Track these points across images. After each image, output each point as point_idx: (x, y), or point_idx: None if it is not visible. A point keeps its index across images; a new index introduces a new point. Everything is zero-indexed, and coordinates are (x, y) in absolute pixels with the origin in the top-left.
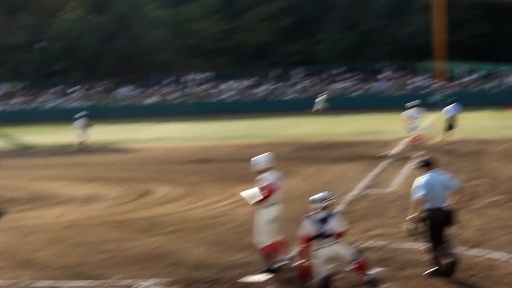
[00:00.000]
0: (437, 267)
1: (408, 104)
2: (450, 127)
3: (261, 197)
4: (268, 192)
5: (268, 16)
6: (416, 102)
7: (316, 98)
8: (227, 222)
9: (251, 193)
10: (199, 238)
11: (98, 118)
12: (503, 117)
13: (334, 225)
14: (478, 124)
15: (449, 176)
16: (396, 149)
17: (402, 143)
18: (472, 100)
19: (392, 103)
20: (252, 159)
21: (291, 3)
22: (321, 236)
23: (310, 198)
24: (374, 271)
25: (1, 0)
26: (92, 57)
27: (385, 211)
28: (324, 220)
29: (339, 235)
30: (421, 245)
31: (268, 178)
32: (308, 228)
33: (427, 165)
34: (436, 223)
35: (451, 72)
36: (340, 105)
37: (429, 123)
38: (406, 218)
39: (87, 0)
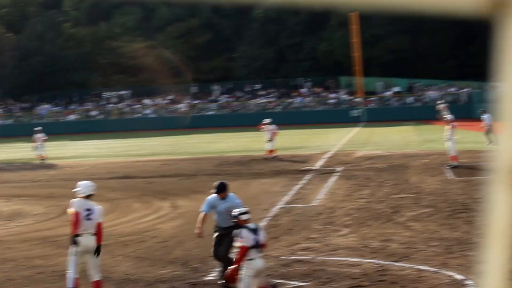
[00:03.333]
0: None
1: (265, 120)
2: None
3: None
4: (74, 220)
5: (186, 33)
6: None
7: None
8: (153, 237)
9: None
10: (125, 253)
11: (20, 135)
12: (425, 131)
13: (262, 237)
14: (401, 138)
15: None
16: (318, 163)
17: (324, 157)
18: (393, 115)
19: (313, 118)
20: (78, 183)
21: (208, 20)
22: (256, 246)
23: (237, 211)
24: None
25: None
26: (10, 75)
27: (310, 225)
28: (255, 231)
29: (263, 247)
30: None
31: (76, 205)
32: (247, 238)
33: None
34: None
35: (370, 87)
36: (261, 121)
37: (350, 137)
38: None
39: (3, 18)
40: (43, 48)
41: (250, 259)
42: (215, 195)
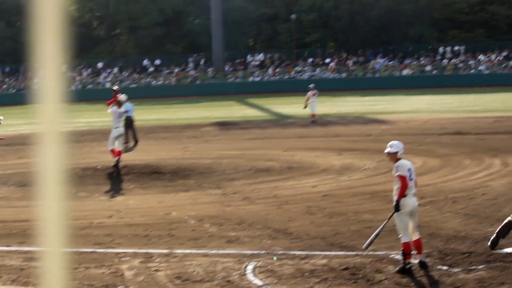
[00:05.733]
0: None
1: None
2: None
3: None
4: (403, 183)
5: None
6: None
7: None
8: (483, 194)
9: None
10: (455, 209)
11: (353, 89)
12: None
13: None
14: None
15: None
16: None
17: None
18: None
19: None
20: (390, 142)
21: None
22: None
23: None
24: None
25: None
26: (344, 28)
27: None
28: None
29: None
30: None
31: (403, 168)
32: None
33: None
34: None
35: None
36: None
37: None
38: None
39: None
40: (378, 2)
41: None
42: None
